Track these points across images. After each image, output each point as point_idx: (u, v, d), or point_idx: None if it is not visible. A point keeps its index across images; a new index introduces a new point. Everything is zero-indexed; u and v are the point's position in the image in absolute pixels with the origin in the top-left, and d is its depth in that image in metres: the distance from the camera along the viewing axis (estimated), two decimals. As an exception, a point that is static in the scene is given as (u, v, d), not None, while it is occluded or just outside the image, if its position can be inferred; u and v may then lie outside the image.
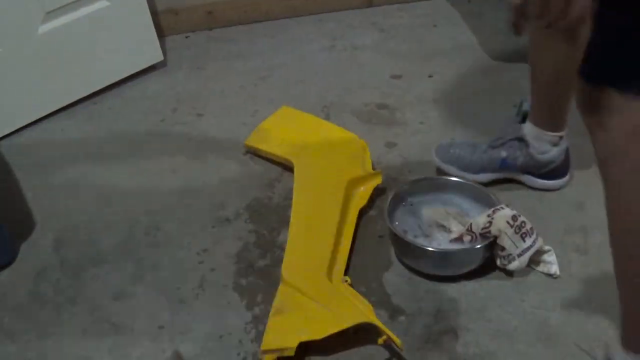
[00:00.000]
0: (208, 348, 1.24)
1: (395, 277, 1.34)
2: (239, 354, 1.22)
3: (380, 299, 1.30)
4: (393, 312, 1.27)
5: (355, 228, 1.43)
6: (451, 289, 1.30)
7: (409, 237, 1.35)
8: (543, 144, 1.44)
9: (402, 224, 1.40)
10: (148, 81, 2.05)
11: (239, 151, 1.72)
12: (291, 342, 1.17)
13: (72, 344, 1.27)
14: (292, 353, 1.17)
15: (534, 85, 1.41)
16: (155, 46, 2.06)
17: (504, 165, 1.49)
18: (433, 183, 1.47)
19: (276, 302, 1.27)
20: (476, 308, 1.27)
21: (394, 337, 1.16)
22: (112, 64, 2.00)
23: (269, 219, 1.51)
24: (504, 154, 1.48)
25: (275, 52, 2.15)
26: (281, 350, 1.18)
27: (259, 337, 1.24)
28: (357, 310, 1.21)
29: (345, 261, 1.36)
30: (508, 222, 1.27)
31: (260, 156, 1.69)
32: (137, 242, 1.48)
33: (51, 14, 1.84)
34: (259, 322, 1.27)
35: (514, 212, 1.30)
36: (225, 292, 1.34)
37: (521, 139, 1.46)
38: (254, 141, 1.71)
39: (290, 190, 1.58)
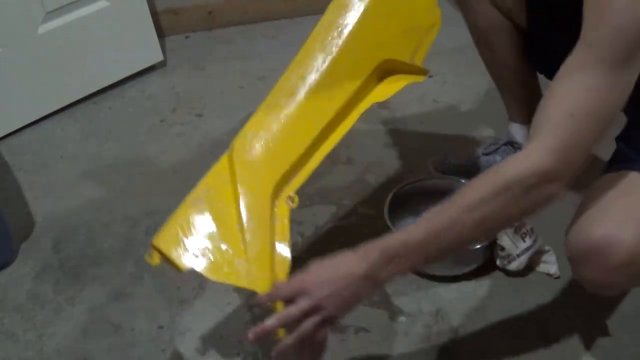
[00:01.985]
0: (208, 348, 1.23)
1: (395, 277, 1.34)
2: (239, 354, 1.22)
3: (380, 299, 1.30)
4: (393, 312, 1.27)
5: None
6: (451, 289, 1.30)
7: (409, 237, 1.35)
8: None
9: (402, 224, 1.40)
10: (148, 81, 2.05)
11: (239, 151, 1.72)
12: (181, 263, 0.98)
13: (72, 344, 1.27)
14: (178, 269, 0.99)
15: (495, 80, 1.45)
16: (155, 46, 2.06)
17: None
18: (433, 183, 1.47)
19: (204, 185, 1.05)
20: (476, 308, 1.27)
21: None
22: (112, 64, 2.00)
23: (269, 219, 1.51)
24: (498, 158, 1.48)
25: (275, 53, 2.15)
26: (170, 261, 1.00)
27: (259, 337, 1.24)
28: (266, 277, 1.00)
29: (312, 171, 1.13)
30: (508, 222, 1.27)
31: None
32: (137, 242, 1.48)
33: (51, 14, 1.84)
34: (259, 322, 1.27)
35: (514, 212, 1.29)
36: (225, 292, 1.34)
37: (512, 143, 1.47)
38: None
39: (290, 190, 1.58)
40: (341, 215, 1.50)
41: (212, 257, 1.01)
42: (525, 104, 1.44)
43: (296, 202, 1.09)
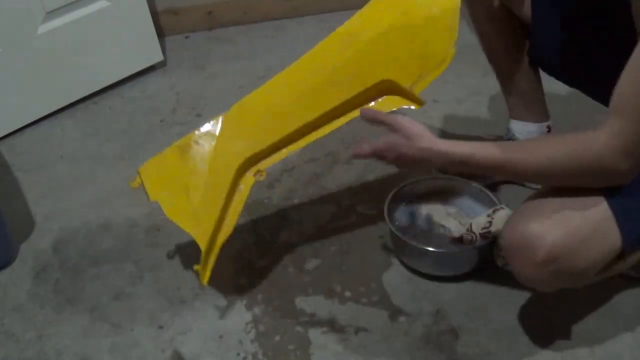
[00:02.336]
0: (208, 348, 1.24)
1: (395, 277, 1.34)
2: (239, 354, 1.22)
3: (380, 299, 1.30)
4: (393, 312, 1.27)
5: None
6: (451, 289, 1.30)
7: (409, 237, 1.35)
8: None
9: (402, 224, 1.40)
10: (148, 81, 2.05)
11: (239, 151, 1.72)
12: (153, 193, 1.21)
13: (72, 344, 1.27)
14: (148, 198, 1.22)
15: (497, 75, 1.46)
16: (155, 46, 2.06)
17: None
18: (433, 183, 1.47)
19: (195, 136, 1.25)
20: (476, 308, 1.27)
21: (204, 274, 1.20)
22: (112, 64, 2.00)
23: (269, 219, 1.51)
24: None
25: (275, 53, 2.15)
26: (146, 189, 1.22)
27: (259, 337, 1.24)
28: (209, 228, 1.18)
29: (286, 155, 1.26)
30: (508, 222, 1.27)
31: None
32: (137, 242, 1.48)
33: (51, 14, 1.84)
34: (259, 322, 1.27)
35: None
36: (225, 292, 1.34)
37: (512, 140, 1.47)
38: None
39: (290, 191, 1.58)
40: (341, 215, 1.50)
41: (176, 200, 1.19)
42: (526, 101, 1.44)
43: (263, 177, 1.24)
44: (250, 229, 1.48)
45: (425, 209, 1.43)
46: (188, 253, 1.44)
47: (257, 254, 1.42)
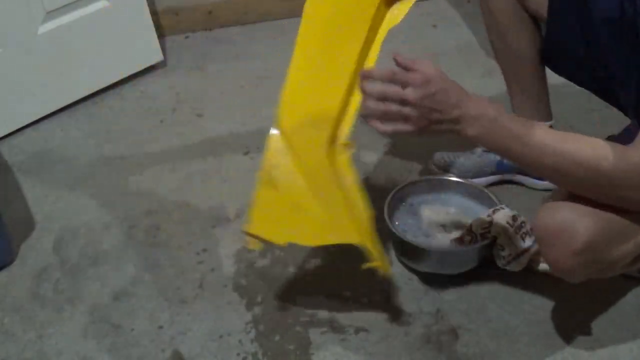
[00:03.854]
0: (208, 348, 1.24)
1: (395, 277, 1.34)
2: (239, 354, 1.22)
3: (380, 299, 1.30)
4: (393, 312, 1.27)
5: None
6: (451, 289, 1.30)
7: (409, 237, 1.35)
8: None
9: (402, 224, 1.40)
10: (148, 81, 2.05)
11: (239, 151, 1.72)
12: (279, 238, 1.11)
13: (72, 344, 1.27)
14: (279, 244, 1.13)
15: (503, 70, 1.44)
16: (155, 46, 2.06)
17: (500, 167, 1.49)
18: (433, 183, 1.47)
19: (267, 164, 1.13)
20: (476, 308, 1.27)
21: (382, 264, 1.12)
22: (112, 64, 2.00)
23: (269, 219, 1.51)
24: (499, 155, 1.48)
25: (275, 53, 2.14)
26: (267, 241, 1.12)
27: (259, 337, 1.24)
28: (352, 223, 1.09)
29: (355, 112, 1.16)
30: (508, 222, 1.27)
31: None
32: (137, 242, 1.48)
33: (51, 14, 1.84)
34: (259, 322, 1.27)
35: (514, 212, 1.30)
36: (225, 292, 1.34)
37: None
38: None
39: (290, 191, 1.58)
40: (341, 215, 1.50)
41: (301, 226, 1.10)
42: (531, 100, 1.43)
43: (354, 148, 1.14)
44: (250, 229, 1.48)
45: (425, 209, 1.43)
46: (188, 253, 1.44)
47: (257, 254, 1.42)
